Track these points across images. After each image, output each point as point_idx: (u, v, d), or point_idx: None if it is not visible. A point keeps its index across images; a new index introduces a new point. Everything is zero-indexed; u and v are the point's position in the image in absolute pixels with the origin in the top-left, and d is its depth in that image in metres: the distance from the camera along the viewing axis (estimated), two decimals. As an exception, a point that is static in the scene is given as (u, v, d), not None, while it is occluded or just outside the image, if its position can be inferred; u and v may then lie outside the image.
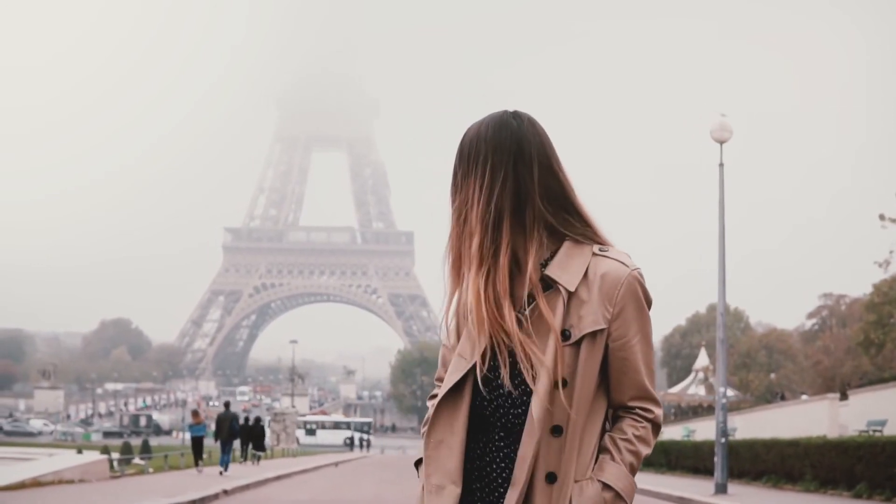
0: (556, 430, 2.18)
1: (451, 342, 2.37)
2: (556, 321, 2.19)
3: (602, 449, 2.25)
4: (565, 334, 2.20)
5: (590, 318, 2.19)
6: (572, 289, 2.20)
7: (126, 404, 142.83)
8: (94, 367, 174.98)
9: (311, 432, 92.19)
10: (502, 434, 2.26)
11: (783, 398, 55.94)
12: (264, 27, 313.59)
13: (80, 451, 38.86)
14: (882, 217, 35.57)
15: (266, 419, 52.97)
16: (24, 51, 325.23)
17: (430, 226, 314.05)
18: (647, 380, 2.26)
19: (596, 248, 2.26)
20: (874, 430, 26.38)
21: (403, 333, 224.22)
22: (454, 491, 2.23)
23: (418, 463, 2.32)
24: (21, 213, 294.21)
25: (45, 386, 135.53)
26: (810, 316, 77.19)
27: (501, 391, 2.24)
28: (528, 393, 2.20)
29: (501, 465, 2.25)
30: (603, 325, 2.20)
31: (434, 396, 2.38)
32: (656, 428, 2.28)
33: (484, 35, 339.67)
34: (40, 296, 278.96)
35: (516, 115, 2.33)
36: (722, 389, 21.49)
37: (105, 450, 49.74)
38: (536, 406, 2.16)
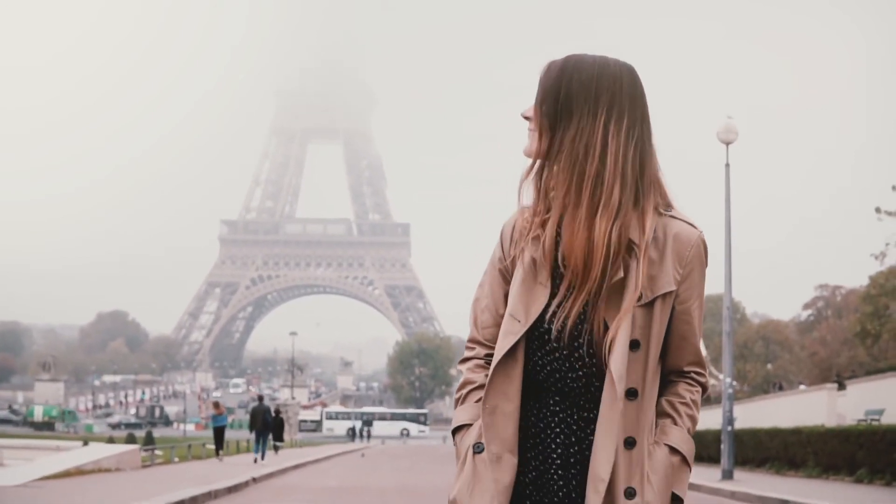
0: (632, 394, 2.12)
1: (504, 256, 2.26)
2: (631, 282, 2.12)
3: (661, 413, 2.21)
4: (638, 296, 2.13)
5: (662, 280, 2.14)
6: (642, 247, 2.14)
7: (126, 396, 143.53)
8: (91, 359, 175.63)
9: (367, 423, 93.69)
10: (557, 399, 2.17)
11: (781, 388, 56.76)
12: (262, 21, 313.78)
13: (85, 443, 39.57)
14: (878, 210, 36.06)
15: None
16: (24, 51, 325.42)
17: (427, 217, 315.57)
18: (701, 344, 2.25)
19: (661, 209, 2.20)
20: (872, 419, 27.05)
21: (399, 325, 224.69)
22: (511, 461, 2.15)
23: (455, 431, 2.24)
24: (21, 214, 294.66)
25: (46, 378, 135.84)
26: (806, 307, 77.82)
27: (558, 354, 2.16)
28: (590, 355, 2.13)
29: (556, 431, 2.17)
30: (674, 287, 2.14)
31: (466, 360, 2.31)
32: (705, 392, 2.26)
33: (482, 29, 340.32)
34: (36, 289, 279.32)
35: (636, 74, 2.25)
36: (728, 380, 22.43)
37: (110, 440, 50.55)
38: (617, 368, 2.08)
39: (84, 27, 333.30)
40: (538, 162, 2.20)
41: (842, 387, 34.94)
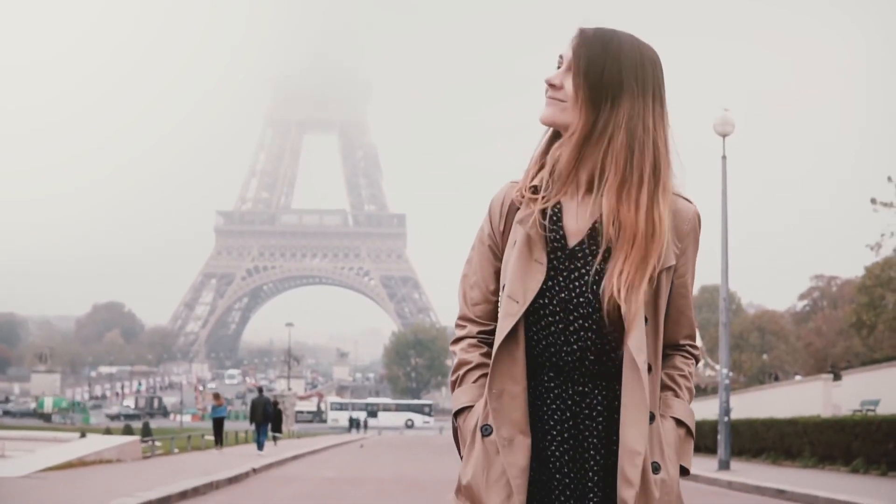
0: (649, 369, 2.11)
1: (494, 231, 2.25)
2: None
3: (661, 386, 2.21)
4: None
5: (666, 254, 2.15)
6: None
7: (122, 387, 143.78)
8: (87, 350, 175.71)
9: (372, 414, 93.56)
10: (552, 374, 2.16)
11: (777, 379, 56.94)
12: (260, 16, 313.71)
13: (83, 434, 39.64)
14: (874, 201, 36.11)
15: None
16: (24, 51, 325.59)
17: (422, 208, 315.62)
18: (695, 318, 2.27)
19: None
20: (867, 410, 27.21)
21: (395, 315, 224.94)
22: (524, 442, 2.13)
23: (457, 413, 2.23)
24: (21, 213, 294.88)
25: (42, 370, 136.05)
26: (802, 297, 78.04)
27: (553, 328, 2.15)
28: (586, 328, 2.13)
29: (553, 408, 2.15)
30: (674, 261, 2.16)
31: (459, 339, 2.29)
32: (697, 363, 2.30)
33: (478, 22, 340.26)
34: (32, 280, 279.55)
35: None
36: (724, 371, 22.58)
37: (107, 431, 50.58)
38: (637, 344, 2.08)
39: (84, 27, 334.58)
40: (580, 135, 2.15)
41: (837, 377, 35.10)
